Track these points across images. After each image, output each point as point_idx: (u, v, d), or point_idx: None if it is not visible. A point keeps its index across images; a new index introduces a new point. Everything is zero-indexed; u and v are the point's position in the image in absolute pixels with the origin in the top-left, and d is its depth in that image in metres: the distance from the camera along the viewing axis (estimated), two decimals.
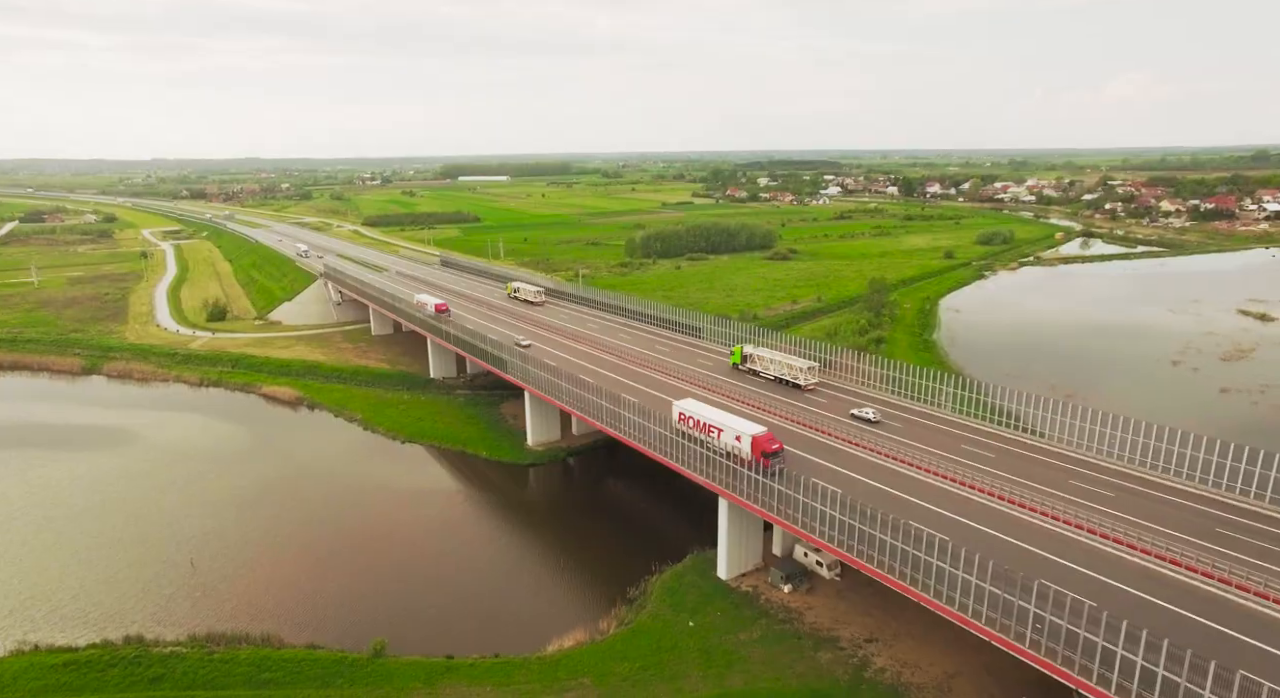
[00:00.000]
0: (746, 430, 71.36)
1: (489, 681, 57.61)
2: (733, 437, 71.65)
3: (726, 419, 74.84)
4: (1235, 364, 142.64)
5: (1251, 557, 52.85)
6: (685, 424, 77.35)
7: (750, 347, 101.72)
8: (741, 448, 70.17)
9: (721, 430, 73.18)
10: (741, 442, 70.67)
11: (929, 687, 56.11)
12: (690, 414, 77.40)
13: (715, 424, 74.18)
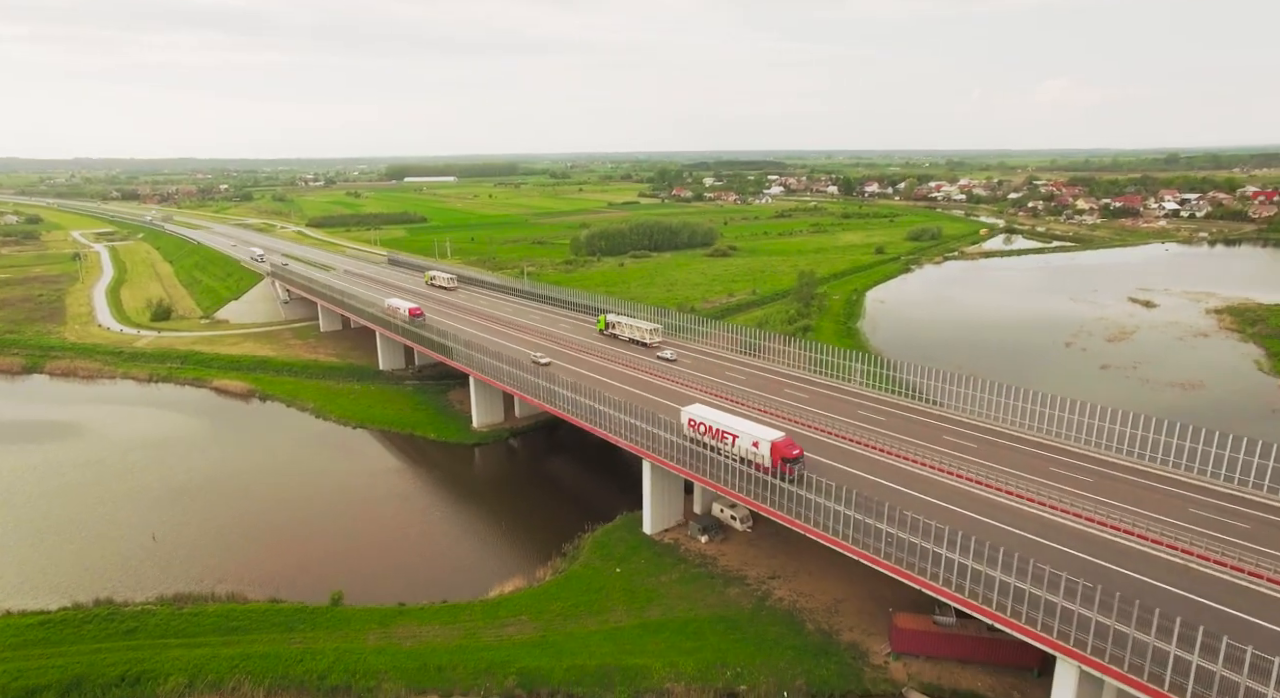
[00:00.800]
0: (765, 436, 68.67)
1: (437, 621, 65.05)
2: (749, 443, 69.13)
3: (742, 425, 72.06)
4: (1118, 345, 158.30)
5: (1076, 489, 63.93)
6: (695, 430, 74.45)
7: (612, 315, 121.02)
8: (759, 454, 67.81)
9: (737, 436, 70.48)
10: (760, 448, 68.08)
11: (819, 610, 65.79)
12: (701, 420, 74.45)
13: (729, 430, 71.48)
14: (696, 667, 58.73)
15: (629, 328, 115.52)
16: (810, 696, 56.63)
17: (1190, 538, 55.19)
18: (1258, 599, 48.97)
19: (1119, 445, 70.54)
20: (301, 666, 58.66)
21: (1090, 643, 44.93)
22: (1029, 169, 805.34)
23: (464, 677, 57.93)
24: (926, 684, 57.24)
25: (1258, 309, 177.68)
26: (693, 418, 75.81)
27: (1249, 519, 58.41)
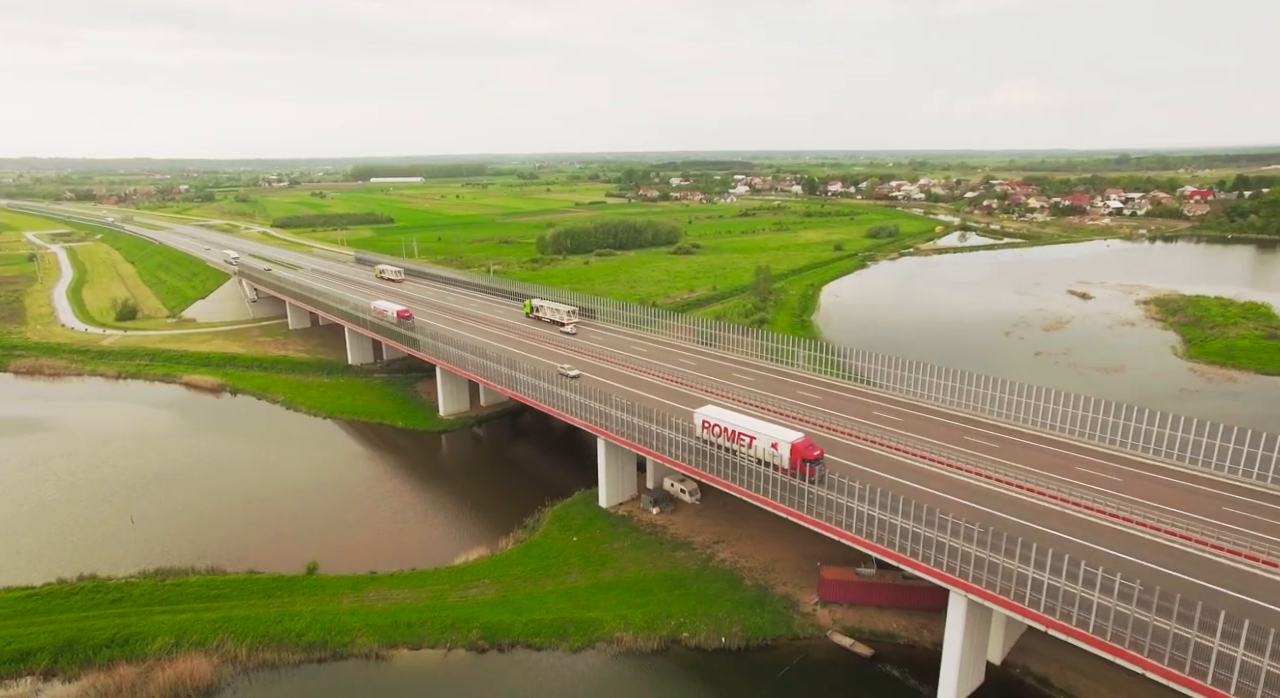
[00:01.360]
0: (785, 437, 68.26)
1: (406, 586, 70.34)
2: (768, 444, 68.54)
3: (760, 426, 71.26)
4: (1053, 334, 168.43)
5: (985, 453, 71.43)
6: (709, 432, 73.39)
7: (536, 300, 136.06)
8: (779, 455, 67.47)
9: (754, 438, 69.77)
10: (779, 449, 67.60)
11: (757, 569, 72.44)
12: (716, 421, 73.41)
13: (747, 431, 70.58)
14: (644, 618, 64.94)
15: (550, 310, 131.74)
16: (745, 641, 63.17)
17: (1049, 483, 62.93)
18: (1129, 541, 56.66)
19: (1021, 415, 78.54)
20: (280, 626, 63.57)
21: (975, 575, 52.06)
22: (986, 169, 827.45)
23: (431, 632, 63.39)
24: (849, 628, 64.15)
25: (1180, 300, 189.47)
26: (706, 420, 74.33)
27: (1117, 472, 66.37)
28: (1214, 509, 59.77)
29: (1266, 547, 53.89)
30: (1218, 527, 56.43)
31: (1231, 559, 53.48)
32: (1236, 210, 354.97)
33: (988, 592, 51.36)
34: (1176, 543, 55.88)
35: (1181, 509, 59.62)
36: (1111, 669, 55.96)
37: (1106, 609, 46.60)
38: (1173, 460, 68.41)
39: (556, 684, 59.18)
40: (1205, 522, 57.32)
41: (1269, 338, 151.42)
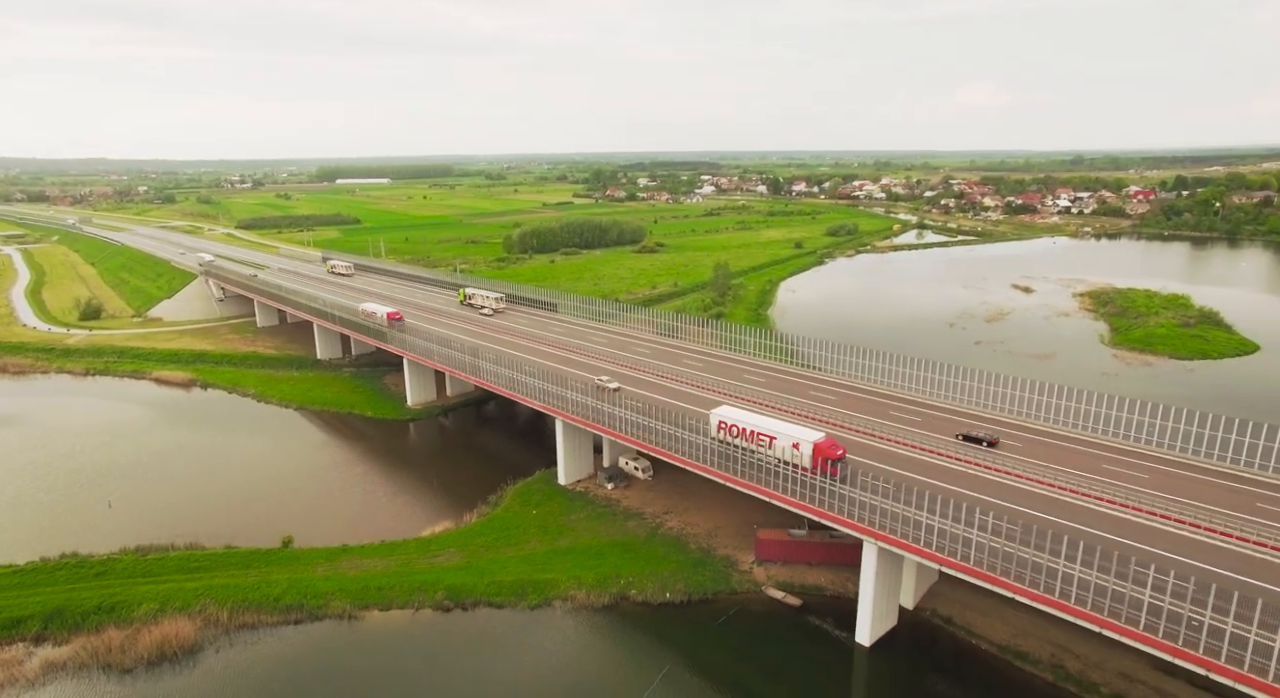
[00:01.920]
0: (806, 437, 68.06)
1: (376, 556, 75.69)
2: (788, 444, 68.08)
3: (780, 426, 71.02)
4: (994, 325, 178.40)
5: (909, 426, 78.98)
6: (726, 433, 72.88)
7: (469, 289, 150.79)
8: (800, 455, 67.19)
9: (774, 438, 69.29)
10: (801, 450, 67.20)
11: (701, 534, 79.12)
12: (733, 422, 72.84)
13: (766, 432, 70.14)
14: (596, 578, 71.17)
15: (480, 297, 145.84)
16: (688, 595, 69.74)
17: (951, 446, 70.70)
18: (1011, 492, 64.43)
19: (938, 392, 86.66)
20: (259, 592, 68.49)
21: (885, 524, 59.27)
22: (947, 169, 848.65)
23: (400, 594, 68.87)
24: (781, 582, 71.08)
25: (1112, 293, 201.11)
26: (723, 420, 73.56)
27: (1013, 437, 74.36)
28: (1095, 466, 67.88)
29: (1124, 493, 62.06)
30: (1099, 482, 64.53)
31: (1097, 504, 61.50)
32: (1172, 209, 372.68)
33: (894, 538, 58.60)
34: (1065, 497, 63.78)
35: (1063, 465, 67.62)
36: (1002, 608, 63.99)
37: (996, 550, 54.05)
38: (1079, 431, 76.71)
39: (515, 637, 65.12)
40: (1087, 476, 65.40)
41: (1184, 326, 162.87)
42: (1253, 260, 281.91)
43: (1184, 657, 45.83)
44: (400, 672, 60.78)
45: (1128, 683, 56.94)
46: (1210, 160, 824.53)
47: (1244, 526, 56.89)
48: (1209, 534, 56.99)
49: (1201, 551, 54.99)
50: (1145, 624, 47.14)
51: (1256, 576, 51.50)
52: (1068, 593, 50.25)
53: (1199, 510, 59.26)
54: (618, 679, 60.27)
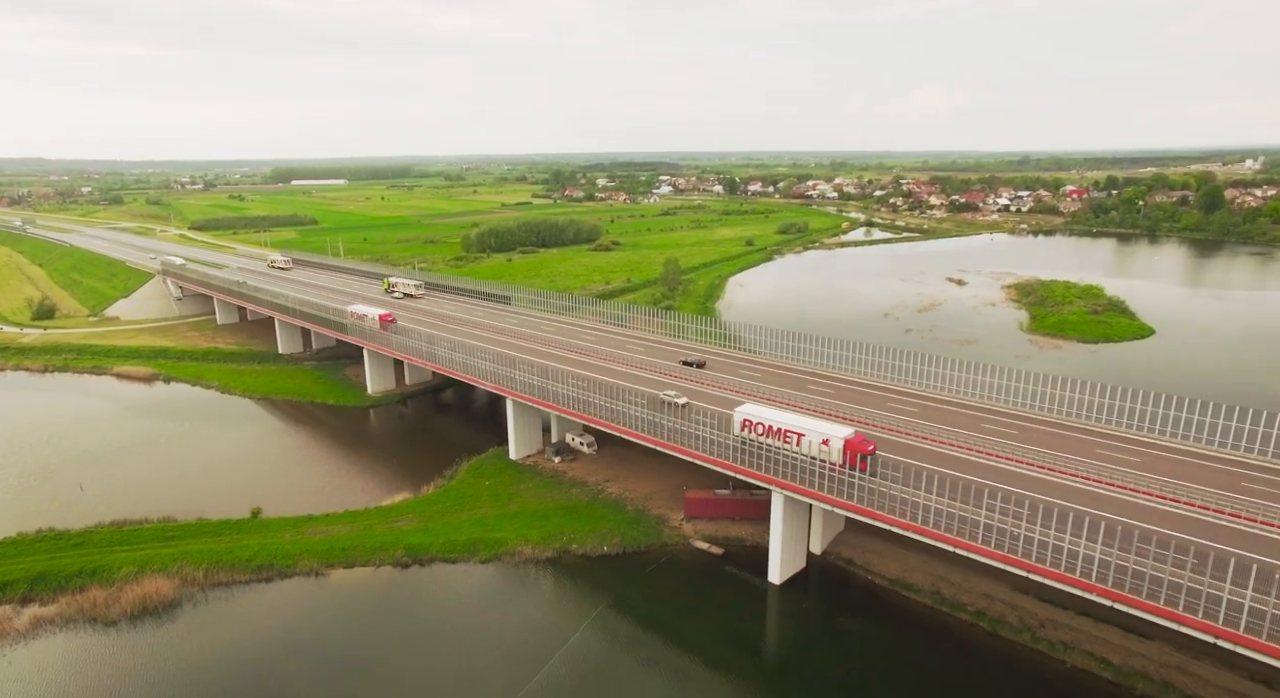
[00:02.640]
0: (837, 433, 68.52)
1: (340, 523, 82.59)
2: (818, 440, 68.45)
3: (808, 422, 71.56)
4: (925, 314, 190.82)
5: (824, 397, 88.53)
6: (751, 431, 73.00)
7: (393, 278, 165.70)
8: (830, 451, 67.67)
9: (803, 435, 69.45)
10: (831, 445, 67.64)
11: (638, 498, 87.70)
12: (759, 420, 72.93)
13: (794, 429, 70.30)
14: (541, 536, 79.20)
15: (402, 285, 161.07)
16: (623, 548, 78.25)
17: (857, 413, 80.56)
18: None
19: (860, 369, 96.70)
20: (231, 555, 74.94)
21: (790, 476, 68.51)
22: (899, 169, 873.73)
23: (362, 554, 75.99)
24: (706, 535, 80.00)
25: (1035, 284, 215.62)
26: (748, 418, 73.48)
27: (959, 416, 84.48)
28: (974, 425, 78.26)
29: (994, 445, 72.44)
30: (974, 436, 74.79)
31: (969, 454, 71.72)
32: (1101, 208, 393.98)
33: (795, 485, 67.88)
34: (980, 458, 73.87)
35: (948, 425, 77.83)
36: (894, 549, 73.97)
37: (885, 494, 63.65)
38: (965, 397, 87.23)
39: (467, 585, 72.85)
40: (964, 433, 75.66)
41: (1093, 314, 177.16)
42: (1166, 255, 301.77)
43: (1027, 567, 55.83)
44: (363, 618, 68.03)
45: (989, 601, 67.13)
46: (1146, 161, 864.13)
47: (1076, 465, 67.55)
48: (1063, 476, 67.44)
49: (1051, 488, 65.32)
50: (998, 545, 57.06)
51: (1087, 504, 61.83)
52: (939, 523, 59.97)
53: (1042, 455, 69.82)
54: (559, 616, 68.43)
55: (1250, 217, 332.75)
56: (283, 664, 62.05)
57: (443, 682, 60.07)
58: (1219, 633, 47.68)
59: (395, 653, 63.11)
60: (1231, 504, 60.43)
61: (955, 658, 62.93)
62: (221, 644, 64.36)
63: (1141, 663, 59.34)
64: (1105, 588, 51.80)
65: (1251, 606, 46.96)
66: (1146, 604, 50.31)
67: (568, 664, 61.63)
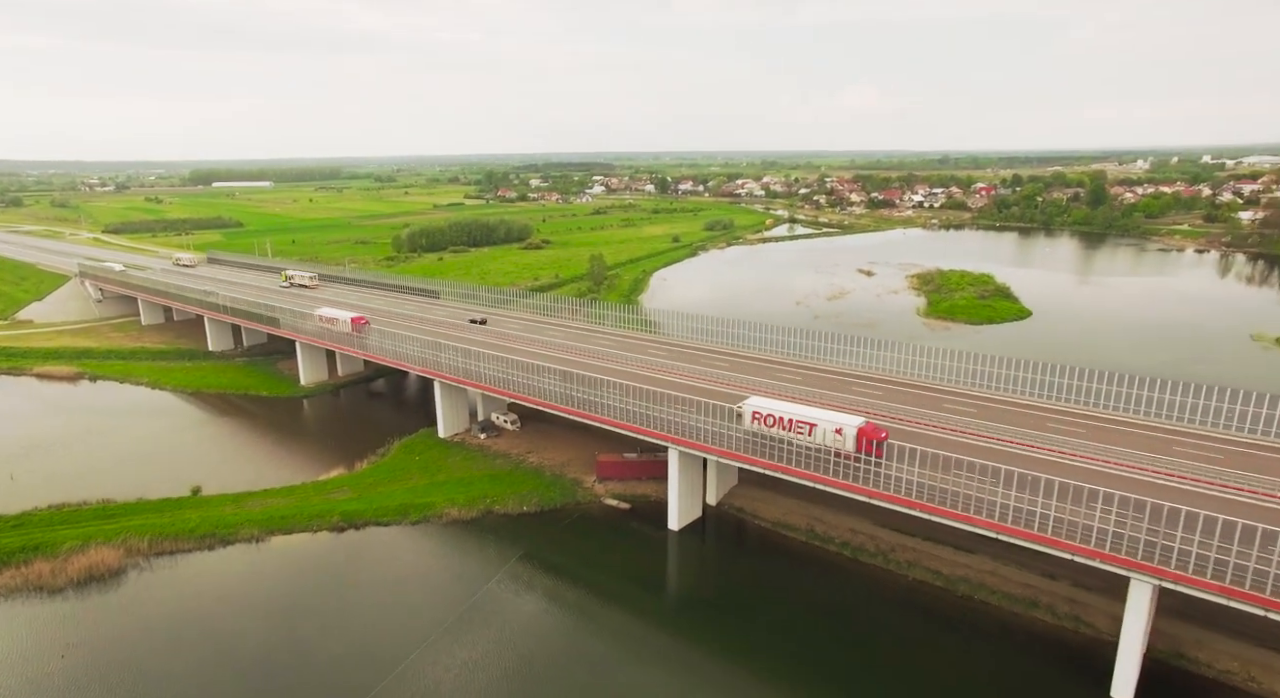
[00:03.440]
0: (850, 422, 69.77)
1: (279, 497, 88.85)
2: (831, 430, 69.50)
3: (819, 413, 72.49)
4: (834, 302, 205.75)
5: (733, 371, 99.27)
6: (761, 423, 73.70)
7: (290, 271, 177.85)
8: (844, 440, 68.90)
9: (814, 425, 70.55)
10: (844, 435, 68.77)
11: (555, 465, 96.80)
12: (769, 412, 73.61)
13: (805, 420, 71.31)
14: (467, 499, 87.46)
15: (299, 278, 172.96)
16: (541, 507, 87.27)
17: (748, 383, 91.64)
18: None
19: (767, 348, 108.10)
20: (174, 527, 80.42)
21: (685, 432, 78.75)
22: (825, 168, 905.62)
23: (300, 521, 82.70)
24: (616, 494, 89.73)
25: (935, 274, 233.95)
26: (757, 411, 74.30)
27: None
28: (845, 387, 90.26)
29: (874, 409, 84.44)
30: (844, 398, 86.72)
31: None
32: (1004, 203, 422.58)
33: (688, 441, 78.22)
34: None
35: (827, 389, 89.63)
36: (777, 497, 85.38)
37: (761, 445, 74.43)
38: (850, 366, 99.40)
39: (399, 543, 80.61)
40: (836, 395, 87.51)
41: (981, 299, 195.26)
42: (1057, 247, 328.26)
43: (870, 494, 67.42)
44: (304, 574, 75.07)
45: (853, 534, 78.98)
46: (1054, 160, 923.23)
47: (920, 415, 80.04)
48: (916, 427, 79.74)
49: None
50: (851, 478, 68.52)
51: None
52: (804, 464, 71.08)
53: (922, 416, 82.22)
54: (481, 563, 76.95)
55: (1128, 212, 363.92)
56: (230, 616, 68.55)
57: (378, 621, 67.84)
58: (1001, 528, 59.92)
59: (333, 601, 70.52)
60: (1041, 441, 73.72)
61: (824, 581, 74.30)
62: (170, 603, 70.34)
63: (964, 571, 72.02)
64: (927, 504, 63.67)
65: (1033, 510, 59.13)
66: (947, 511, 62.33)
67: (490, 600, 70.28)
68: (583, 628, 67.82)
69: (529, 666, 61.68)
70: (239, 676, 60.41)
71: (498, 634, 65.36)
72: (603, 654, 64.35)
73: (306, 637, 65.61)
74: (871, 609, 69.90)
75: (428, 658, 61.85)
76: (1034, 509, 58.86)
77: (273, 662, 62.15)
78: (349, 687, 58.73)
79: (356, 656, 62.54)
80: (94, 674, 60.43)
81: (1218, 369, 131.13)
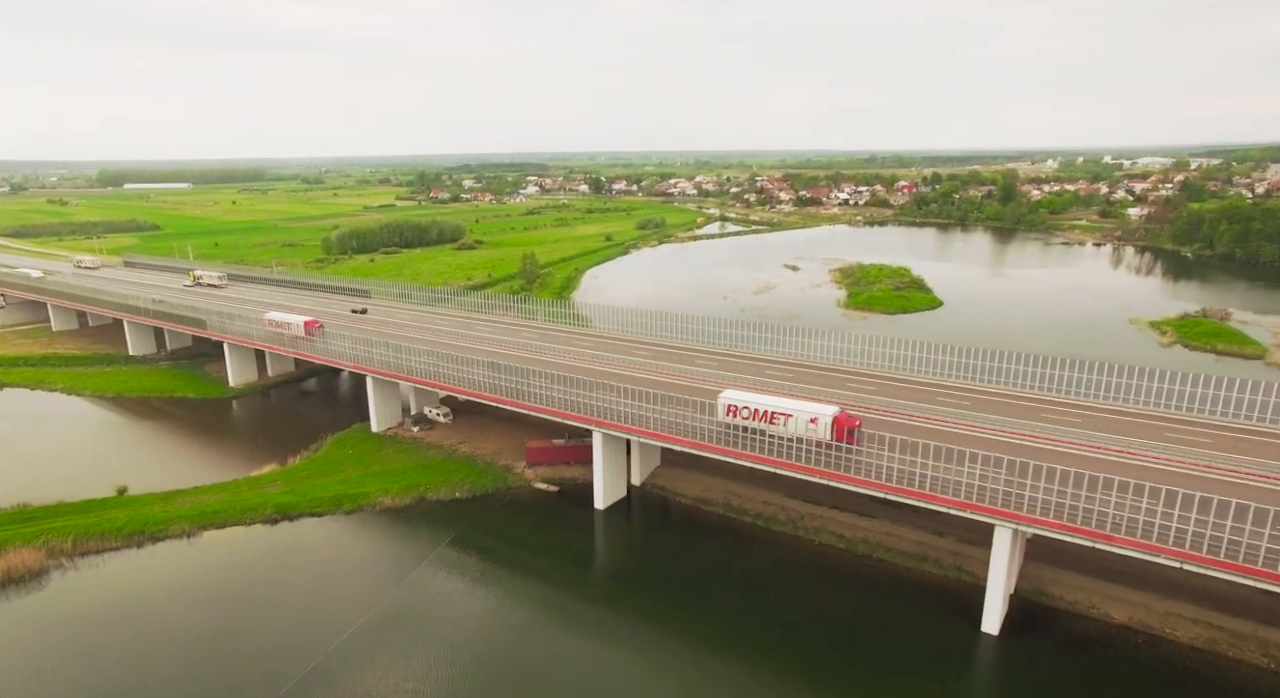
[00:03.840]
0: (825, 412, 71.09)
1: (210, 493, 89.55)
2: (805, 420, 70.69)
3: (793, 403, 74.07)
4: (760, 296, 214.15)
5: (651, 357, 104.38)
6: (735, 416, 75.35)
7: (197, 271, 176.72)
8: (819, 429, 70.42)
9: (790, 415, 71.74)
10: (819, 424, 70.26)
11: (487, 454, 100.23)
12: (744, 404, 75.15)
13: (780, 410, 72.71)
14: (400, 488, 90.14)
15: (207, 277, 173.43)
16: (473, 493, 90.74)
17: (678, 372, 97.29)
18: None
19: (686, 338, 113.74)
20: (99, 527, 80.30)
21: (609, 415, 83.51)
22: (756, 167, 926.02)
23: (233, 515, 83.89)
24: (545, 478, 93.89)
25: (856, 268, 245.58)
26: (733, 404, 75.69)
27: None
28: (759, 371, 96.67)
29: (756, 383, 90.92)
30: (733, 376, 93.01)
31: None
32: (923, 200, 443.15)
33: (610, 422, 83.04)
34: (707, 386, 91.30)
35: (743, 373, 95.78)
36: (697, 475, 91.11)
37: (675, 424, 79.79)
38: (768, 352, 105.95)
39: (334, 532, 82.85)
40: (725, 374, 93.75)
41: (897, 290, 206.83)
42: (971, 241, 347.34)
43: (802, 471, 73.52)
44: (238, 565, 76.60)
45: (765, 505, 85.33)
46: (974, 160, 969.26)
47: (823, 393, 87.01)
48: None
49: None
50: (755, 448, 74.48)
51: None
52: (723, 441, 76.77)
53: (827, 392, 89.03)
54: (415, 547, 79.97)
55: (1034, 208, 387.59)
56: (163, 606, 69.78)
57: (312, 603, 70.24)
58: (888, 489, 66.87)
59: (268, 588, 72.55)
60: (931, 413, 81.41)
61: (740, 549, 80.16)
62: (95, 600, 70.73)
63: (865, 533, 79.15)
64: (825, 470, 70.16)
65: (912, 471, 66.16)
66: (846, 477, 68.99)
67: (423, 579, 73.58)
68: (510, 603, 71.67)
69: (458, 640, 65.31)
70: (167, 664, 61.69)
71: (428, 613, 68.70)
72: (529, 625, 68.30)
73: (238, 626, 67.20)
74: (782, 572, 76.02)
75: (358, 640, 64.24)
76: (914, 471, 65.93)
77: (204, 649, 63.62)
78: (278, 672, 60.44)
79: (287, 641, 64.55)
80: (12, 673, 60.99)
81: (1098, 350, 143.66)
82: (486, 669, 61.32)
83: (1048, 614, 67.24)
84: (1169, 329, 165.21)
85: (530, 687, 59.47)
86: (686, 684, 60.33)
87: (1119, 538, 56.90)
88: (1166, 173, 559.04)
